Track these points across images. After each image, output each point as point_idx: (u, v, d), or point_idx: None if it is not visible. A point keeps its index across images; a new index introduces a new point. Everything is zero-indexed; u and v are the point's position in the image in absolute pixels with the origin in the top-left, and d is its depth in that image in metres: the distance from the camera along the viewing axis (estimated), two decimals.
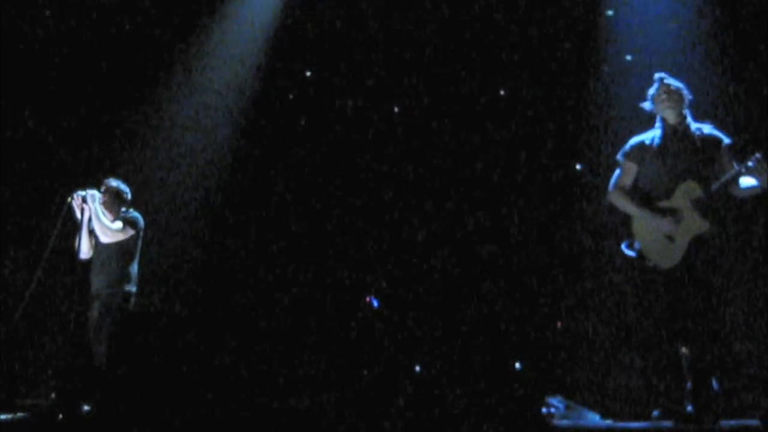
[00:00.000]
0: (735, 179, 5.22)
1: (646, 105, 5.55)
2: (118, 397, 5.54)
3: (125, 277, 6.64)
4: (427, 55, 8.45)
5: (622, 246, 5.41)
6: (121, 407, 5.49)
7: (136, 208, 6.91)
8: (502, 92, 8.39)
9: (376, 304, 8.40)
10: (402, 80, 8.55)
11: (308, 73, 8.77)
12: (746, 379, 6.48)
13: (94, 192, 6.62)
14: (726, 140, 5.40)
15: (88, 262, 6.76)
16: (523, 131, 8.19)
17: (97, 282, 6.67)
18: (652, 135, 5.48)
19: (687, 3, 7.76)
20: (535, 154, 8.12)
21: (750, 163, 5.08)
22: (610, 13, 8.06)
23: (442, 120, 8.39)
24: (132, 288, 6.68)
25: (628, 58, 7.90)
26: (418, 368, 7.63)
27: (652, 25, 7.85)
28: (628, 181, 5.48)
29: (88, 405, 5.91)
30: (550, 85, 8.15)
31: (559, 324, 7.73)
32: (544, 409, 5.93)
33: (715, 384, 5.14)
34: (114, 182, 6.87)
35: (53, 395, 6.40)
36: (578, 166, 7.95)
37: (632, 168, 5.47)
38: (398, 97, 8.67)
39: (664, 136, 5.41)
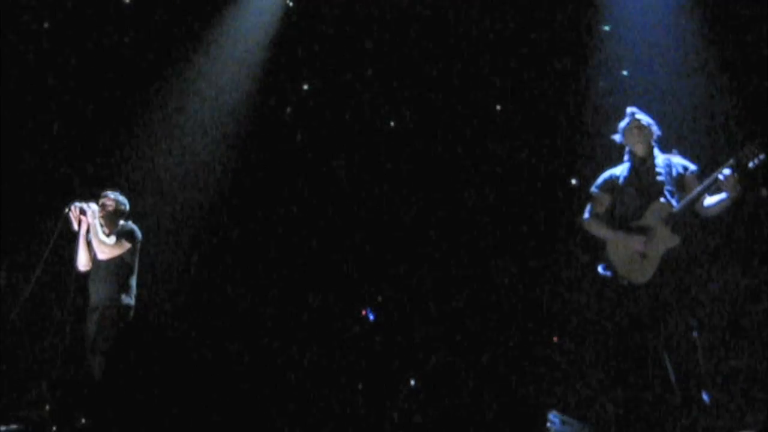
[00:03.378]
0: (704, 194, 5.38)
1: (617, 137, 5.78)
2: (114, 410, 5.55)
3: (124, 290, 6.59)
4: (424, 71, 8.50)
5: (598, 268, 5.59)
6: (116, 420, 5.50)
7: (135, 221, 6.89)
8: (498, 107, 8.45)
9: (372, 317, 8.41)
10: (399, 95, 8.60)
11: (305, 87, 8.81)
12: (742, 393, 6.50)
13: (95, 207, 6.61)
14: (692, 167, 5.61)
15: (86, 274, 6.75)
16: (519, 146, 8.23)
17: (96, 294, 6.62)
18: (621, 168, 5.74)
19: (683, 18, 7.81)
20: (532, 169, 8.16)
21: (720, 176, 5.21)
22: (606, 28, 8.12)
23: (437, 135, 8.44)
24: (130, 301, 6.63)
25: (625, 73, 7.96)
26: (413, 382, 7.66)
27: (648, 40, 7.90)
28: (600, 210, 5.73)
29: (83, 417, 5.90)
30: (547, 100, 8.20)
31: (555, 339, 7.76)
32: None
33: (706, 396, 5.22)
34: (112, 194, 6.84)
35: (48, 407, 6.38)
36: (574, 181, 7.99)
37: (605, 198, 5.73)
38: (395, 111, 8.72)
39: (633, 168, 5.66)
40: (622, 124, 5.76)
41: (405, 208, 8.47)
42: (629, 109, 5.78)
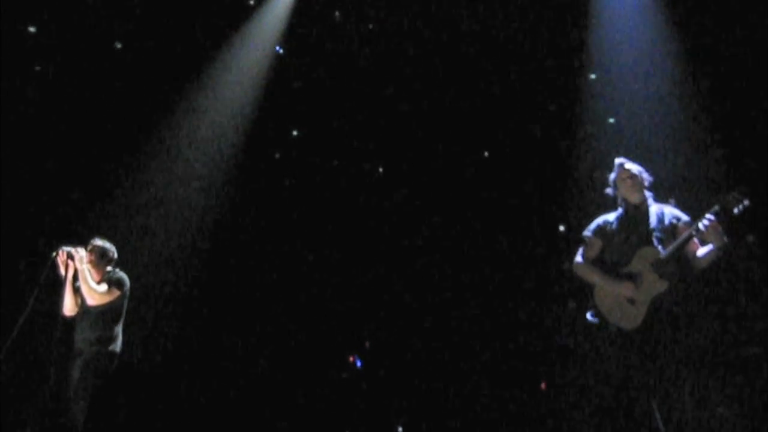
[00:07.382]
0: (689, 240, 5.41)
1: (609, 191, 5.83)
2: None
3: (109, 337, 6.52)
4: (412, 118, 8.56)
5: (587, 314, 5.59)
6: None
7: (122, 268, 6.85)
8: (486, 154, 8.50)
9: (359, 364, 8.37)
10: (388, 142, 8.65)
11: (294, 133, 8.87)
12: None
13: (82, 252, 6.57)
14: (684, 217, 5.62)
15: (72, 319, 6.68)
16: (507, 193, 8.27)
17: (81, 340, 6.55)
18: (615, 215, 5.77)
19: (668, 66, 7.91)
20: (520, 215, 8.19)
21: (701, 224, 5.24)
22: (593, 76, 8.21)
23: (425, 181, 8.48)
24: (116, 348, 6.54)
25: (611, 120, 8.04)
26: (400, 429, 7.61)
27: (634, 88, 7.98)
28: (592, 255, 5.76)
29: None
30: (535, 147, 8.26)
31: (543, 385, 7.72)
32: None
33: None
34: (100, 242, 6.78)
35: None
36: (562, 228, 8.02)
37: (597, 243, 5.75)
38: (385, 157, 8.76)
39: (625, 214, 5.70)
40: (613, 175, 5.79)
41: (394, 254, 8.48)
42: (617, 160, 5.81)
